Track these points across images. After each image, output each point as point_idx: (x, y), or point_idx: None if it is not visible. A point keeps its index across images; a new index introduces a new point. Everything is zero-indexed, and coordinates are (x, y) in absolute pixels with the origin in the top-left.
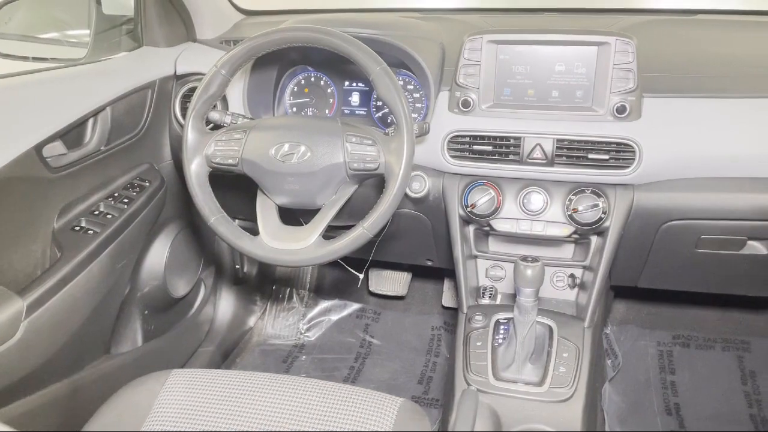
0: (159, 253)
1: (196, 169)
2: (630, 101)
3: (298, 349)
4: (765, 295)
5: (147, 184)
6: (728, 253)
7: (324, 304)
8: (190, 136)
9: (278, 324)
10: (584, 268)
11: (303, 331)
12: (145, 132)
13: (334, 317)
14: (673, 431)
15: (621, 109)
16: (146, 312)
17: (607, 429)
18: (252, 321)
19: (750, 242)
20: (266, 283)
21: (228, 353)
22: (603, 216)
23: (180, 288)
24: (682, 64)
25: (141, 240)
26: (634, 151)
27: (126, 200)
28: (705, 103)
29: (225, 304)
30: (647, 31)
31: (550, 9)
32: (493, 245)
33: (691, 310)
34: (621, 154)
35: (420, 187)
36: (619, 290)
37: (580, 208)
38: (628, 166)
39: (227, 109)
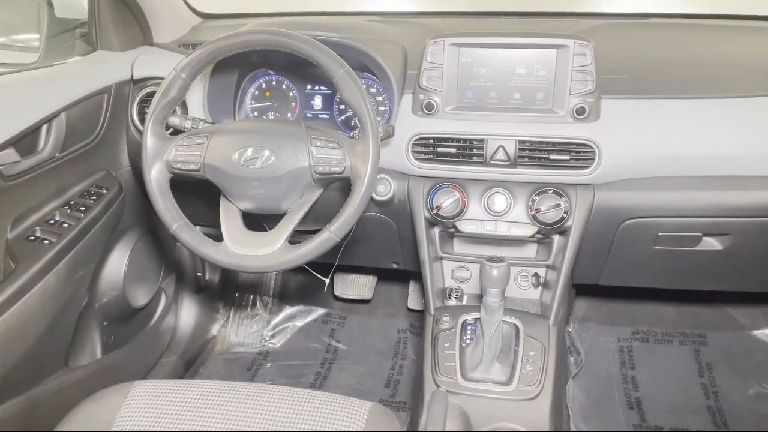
0: (118, 263)
1: (156, 176)
2: (589, 103)
3: (262, 357)
4: (720, 290)
5: (104, 191)
6: (684, 249)
7: (288, 310)
8: (150, 141)
9: (242, 331)
10: (547, 267)
11: (267, 338)
12: (101, 138)
13: (299, 323)
14: (635, 425)
15: (580, 111)
16: (105, 323)
17: (572, 425)
18: (215, 329)
19: (705, 238)
20: (229, 291)
21: (191, 363)
22: (565, 215)
23: (140, 297)
24: (638, 67)
25: (99, 249)
26: (593, 152)
27: (83, 208)
28: (660, 104)
29: (187, 313)
30: (603, 34)
31: (510, 12)
32: (458, 246)
33: (650, 305)
34: (581, 154)
35: (385, 190)
36: (581, 288)
37: (543, 208)
38: (588, 167)
39: (187, 114)
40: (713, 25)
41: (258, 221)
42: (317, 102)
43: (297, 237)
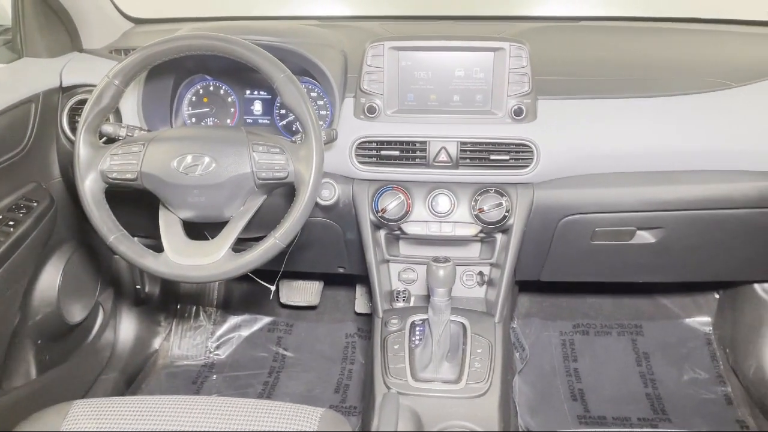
0: (51, 278)
1: (90, 186)
2: (526, 104)
3: (207, 369)
4: (653, 281)
5: (34, 204)
6: (620, 243)
7: (233, 320)
8: (83, 151)
9: (185, 344)
10: (491, 265)
11: (212, 350)
12: (29, 149)
13: (245, 332)
14: (579, 416)
15: (518, 112)
16: (40, 341)
17: (519, 420)
18: (157, 343)
19: (639, 232)
20: (170, 302)
21: (132, 379)
22: (507, 214)
23: (76, 313)
24: (571, 68)
25: (31, 264)
26: (532, 151)
27: (12, 223)
28: (594, 104)
29: (126, 327)
30: (537, 37)
31: (446, 17)
32: (404, 248)
33: (589, 299)
34: (520, 154)
35: (330, 195)
36: (523, 285)
37: (485, 207)
38: (527, 166)
39: (121, 122)
40: (641, 27)
41: (199, 230)
42: (257, 107)
43: (241, 245)
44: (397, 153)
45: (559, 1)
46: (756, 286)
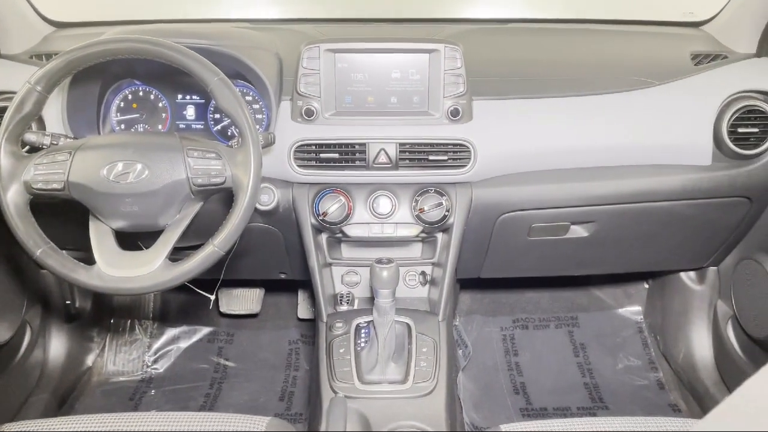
0: None
1: (14, 198)
2: (462, 104)
3: (145, 384)
4: (587, 274)
5: None
6: (555, 238)
7: (171, 332)
8: (4, 161)
9: (120, 359)
10: (433, 264)
11: (149, 364)
12: None
13: (184, 344)
14: (521, 409)
15: (454, 112)
16: None
17: (464, 416)
18: (90, 360)
19: (573, 227)
20: (103, 317)
21: (65, 399)
22: (447, 213)
23: (1, 333)
24: (503, 69)
25: None
26: (469, 151)
27: None
28: (527, 104)
29: (57, 345)
30: (469, 39)
31: (379, 19)
32: (346, 251)
33: (527, 294)
34: (458, 154)
35: (269, 200)
36: (463, 282)
37: (426, 207)
38: (465, 165)
39: (45, 130)
40: (566, 29)
41: (133, 240)
42: (190, 112)
43: (177, 254)
44: (336, 156)
45: (487, 3)
46: (682, 274)
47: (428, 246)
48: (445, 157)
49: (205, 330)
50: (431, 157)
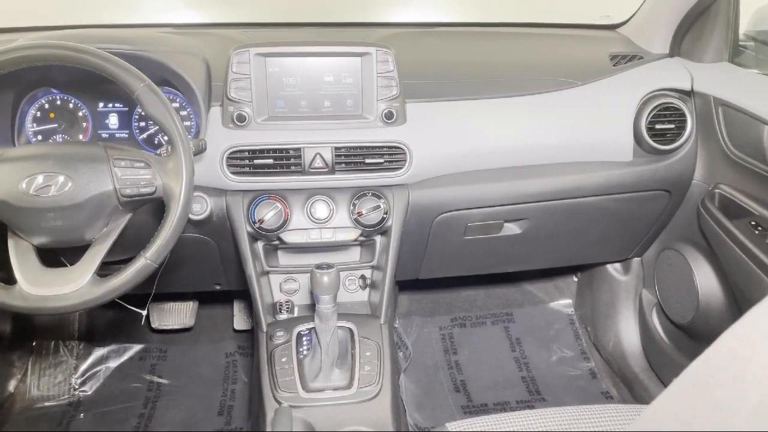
0: None
1: None
2: (395, 107)
3: (73, 408)
4: (521, 270)
5: None
6: (490, 236)
7: (99, 352)
8: None
9: (45, 383)
10: (373, 267)
11: (77, 386)
12: None
13: (113, 364)
14: (462, 406)
15: (389, 115)
16: None
17: (408, 418)
18: (12, 385)
19: (506, 224)
20: (25, 339)
21: None
22: (385, 216)
23: None
24: (434, 71)
25: None
26: (404, 153)
27: None
28: (459, 105)
29: None
30: (399, 43)
31: (307, 23)
32: (284, 258)
33: (464, 292)
34: (393, 156)
35: (201, 209)
36: (402, 284)
37: (364, 211)
38: (401, 168)
39: None
40: (492, 32)
41: (56, 257)
42: (113, 120)
43: (106, 269)
44: (271, 161)
45: (414, 7)
46: (609, 266)
47: (367, 249)
48: (381, 160)
49: (136, 347)
50: (367, 161)
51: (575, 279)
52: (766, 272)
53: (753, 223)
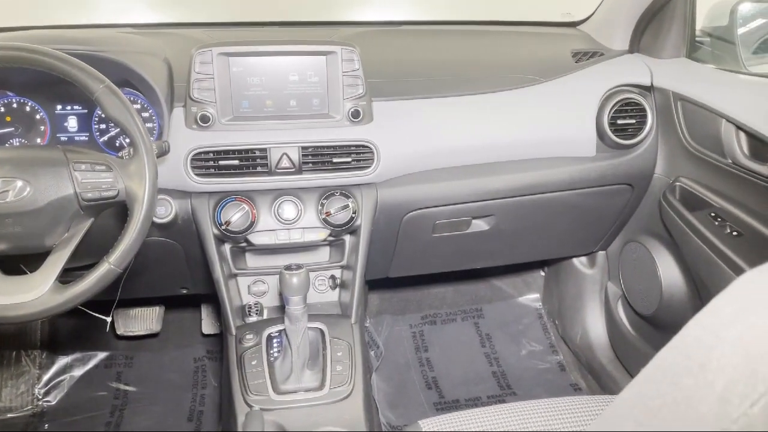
0: None
1: None
2: (362, 106)
3: (37, 419)
4: (489, 266)
5: None
6: (458, 233)
7: (63, 361)
8: None
9: (7, 394)
10: (342, 267)
11: (40, 397)
12: None
13: (78, 372)
14: (435, 403)
15: (355, 114)
16: None
17: (381, 417)
18: None
19: (474, 221)
20: None
21: None
22: (354, 215)
23: None
24: (400, 70)
25: None
26: (372, 152)
27: None
28: (424, 104)
29: None
30: (364, 41)
31: (269, 22)
32: (252, 260)
33: (434, 289)
34: (361, 155)
35: (166, 212)
36: (372, 283)
37: (332, 210)
38: (369, 166)
39: None
40: (456, 30)
41: (15, 263)
42: (72, 123)
43: (68, 275)
44: (236, 162)
45: (378, 6)
46: (574, 260)
47: (336, 249)
48: (349, 159)
49: (101, 355)
50: (335, 160)
51: (542, 273)
52: (727, 262)
53: (713, 214)
